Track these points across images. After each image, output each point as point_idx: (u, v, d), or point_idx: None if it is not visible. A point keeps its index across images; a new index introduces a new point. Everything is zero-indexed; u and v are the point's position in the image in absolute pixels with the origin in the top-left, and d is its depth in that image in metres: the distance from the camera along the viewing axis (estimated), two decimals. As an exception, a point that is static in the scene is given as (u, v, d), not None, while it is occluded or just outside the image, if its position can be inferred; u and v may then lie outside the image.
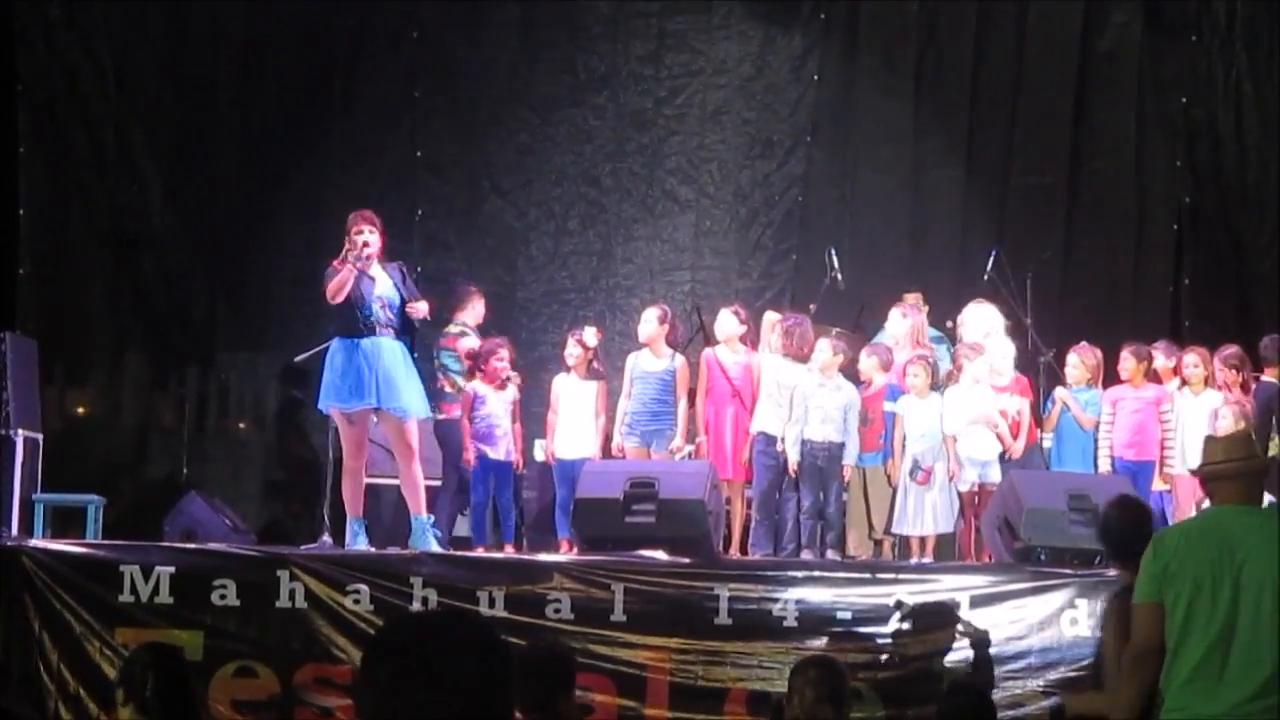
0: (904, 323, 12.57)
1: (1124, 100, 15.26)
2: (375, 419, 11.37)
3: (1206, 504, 11.20)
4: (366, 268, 11.10)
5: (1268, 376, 12.36)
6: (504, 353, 12.37)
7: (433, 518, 11.43)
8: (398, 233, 13.55)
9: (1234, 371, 12.24)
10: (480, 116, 15.31)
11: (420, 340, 11.95)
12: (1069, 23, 15.20)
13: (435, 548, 11.24)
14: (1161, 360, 12.50)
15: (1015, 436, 12.08)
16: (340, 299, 11.03)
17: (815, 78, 15.31)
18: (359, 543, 11.29)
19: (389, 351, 11.09)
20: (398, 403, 11.09)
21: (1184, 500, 11.91)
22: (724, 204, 15.34)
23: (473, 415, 12.21)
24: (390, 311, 11.15)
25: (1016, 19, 15.25)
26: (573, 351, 12.52)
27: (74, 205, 14.88)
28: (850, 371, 12.12)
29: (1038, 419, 12.46)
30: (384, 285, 11.17)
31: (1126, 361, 12.36)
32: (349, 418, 11.19)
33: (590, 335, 12.64)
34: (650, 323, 12.45)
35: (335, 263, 11.15)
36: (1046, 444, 12.51)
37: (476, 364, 12.34)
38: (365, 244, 11.12)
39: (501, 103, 15.32)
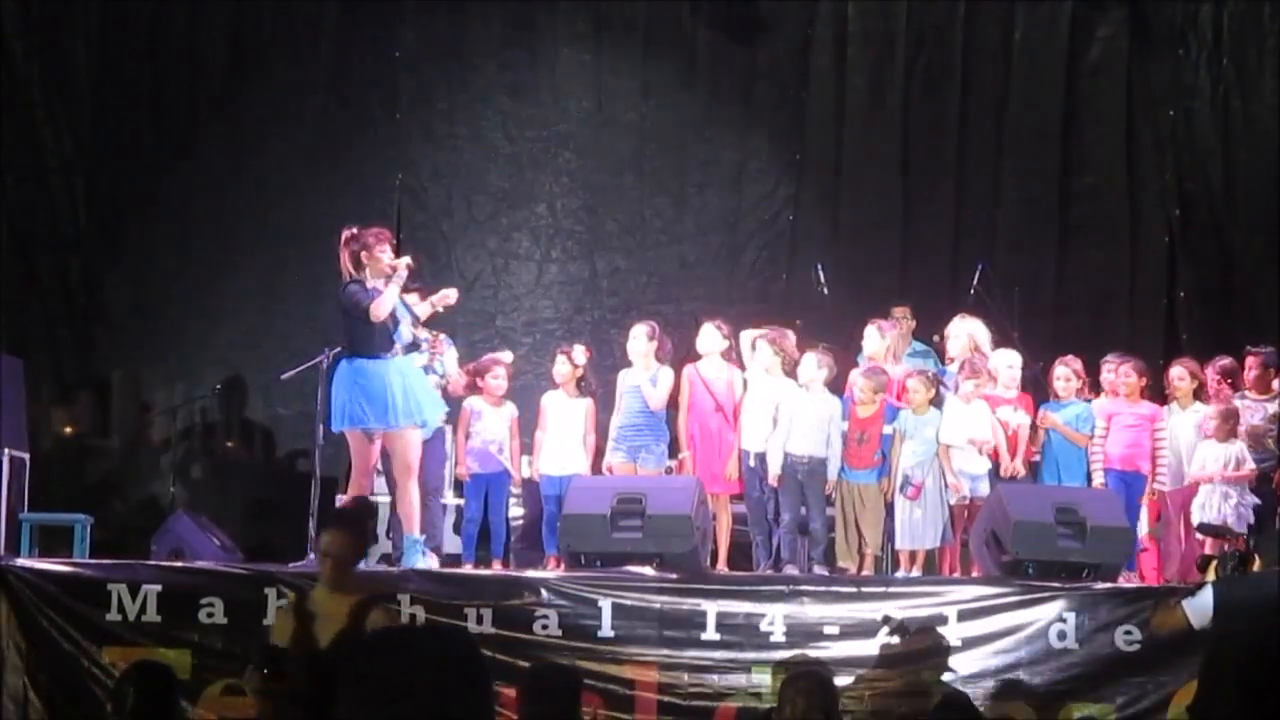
0: (881, 341, 12.64)
1: (1112, 114, 15.40)
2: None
3: (1195, 515, 11.41)
4: (408, 287, 11.25)
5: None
6: (500, 369, 12.45)
7: (424, 536, 11.48)
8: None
9: (1227, 383, 12.31)
10: (461, 142, 15.37)
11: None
12: (1055, 37, 15.33)
13: (425, 565, 11.32)
14: (1134, 378, 12.53)
15: (1013, 451, 12.13)
16: (384, 316, 11.10)
17: (804, 95, 15.40)
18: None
19: (411, 368, 11.26)
20: (421, 417, 11.25)
21: (1173, 513, 11.98)
22: (713, 229, 15.45)
23: (469, 431, 12.28)
24: (410, 329, 11.29)
25: (1003, 35, 15.37)
26: (561, 369, 12.58)
27: (51, 224, 14.93)
28: (837, 386, 12.18)
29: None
30: (399, 305, 11.34)
31: (1127, 376, 12.40)
32: (370, 437, 11.28)
33: (579, 353, 12.69)
34: (639, 339, 12.53)
35: (376, 284, 11.17)
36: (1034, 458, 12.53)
37: (474, 379, 12.39)
38: (409, 265, 11.25)
39: (483, 128, 15.39)
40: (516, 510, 13.07)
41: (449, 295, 11.71)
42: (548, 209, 15.34)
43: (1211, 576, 10.38)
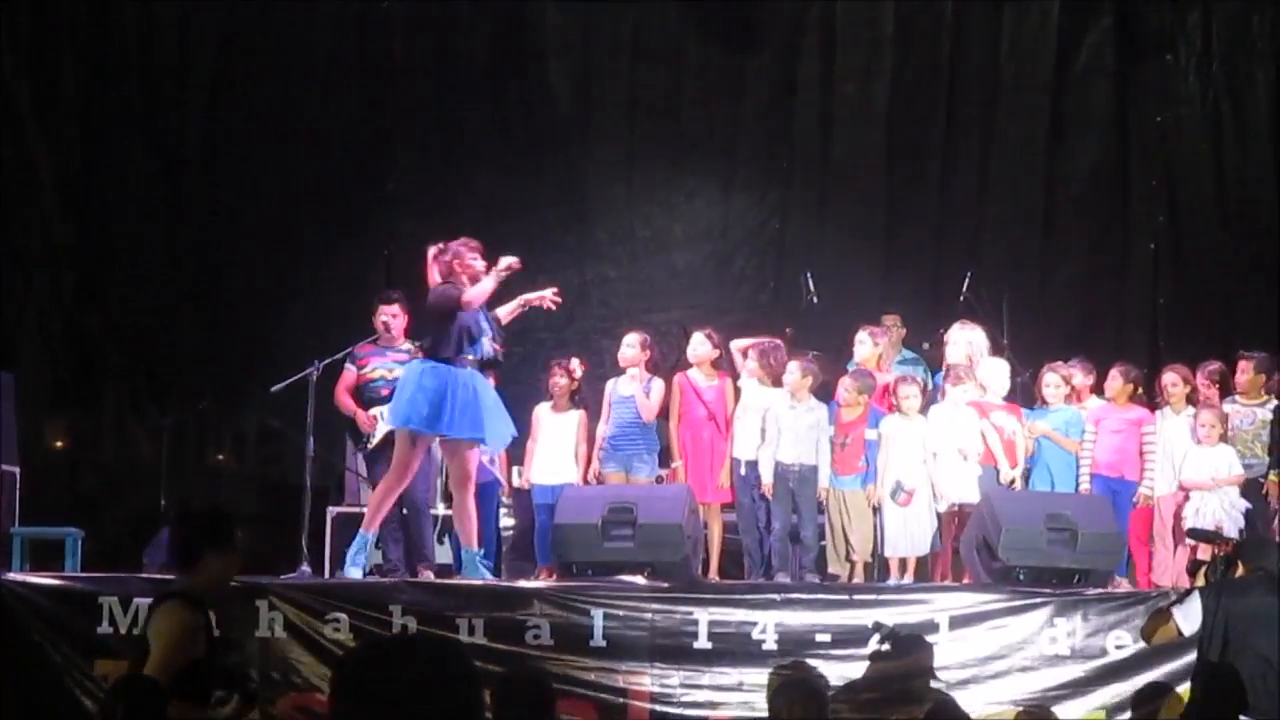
0: (872, 348, 12.68)
1: (1100, 120, 15.40)
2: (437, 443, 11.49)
3: (1186, 520, 11.44)
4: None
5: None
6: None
7: (482, 550, 11.51)
8: (364, 266, 13.71)
9: (1216, 387, 12.34)
10: (450, 150, 15.37)
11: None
12: (1043, 44, 15.34)
13: (489, 578, 11.36)
14: (1080, 378, 12.58)
15: (1011, 457, 12.15)
16: (478, 305, 11.16)
17: (792, 103, 15.44)
18: (359, 561, 11.36)
19: (482, 384, 11.25)
20: (480, 433, 11.22)
21: (1166, 516, 12.01)
22: (702, 238, 15.47)
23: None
24: (492, 344, 11.36)
25: (990, 40, 15.37)
26: (558, 380, 12.60)
27: (42, 238, 14.95)
28: (826, 393, 12.22)
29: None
30: (484, 323, 11.41)
31: (1114, 380, 12.47)
32: (413, 439, 11.23)
33: (575, 367, 12.72)
34: (632, 347, 12.56)
35: (455, 283, 11.20)
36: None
37: None
38: (512, 266, 11.26)
39: (473, 137, 15.39)
40: (507, 520, 13.10)
41: (545, 294, 11.72)
42: (538, 219, 15.35)
43: (1202, 582, 10.42)
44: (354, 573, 11.37)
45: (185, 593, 6.80)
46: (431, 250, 11.37)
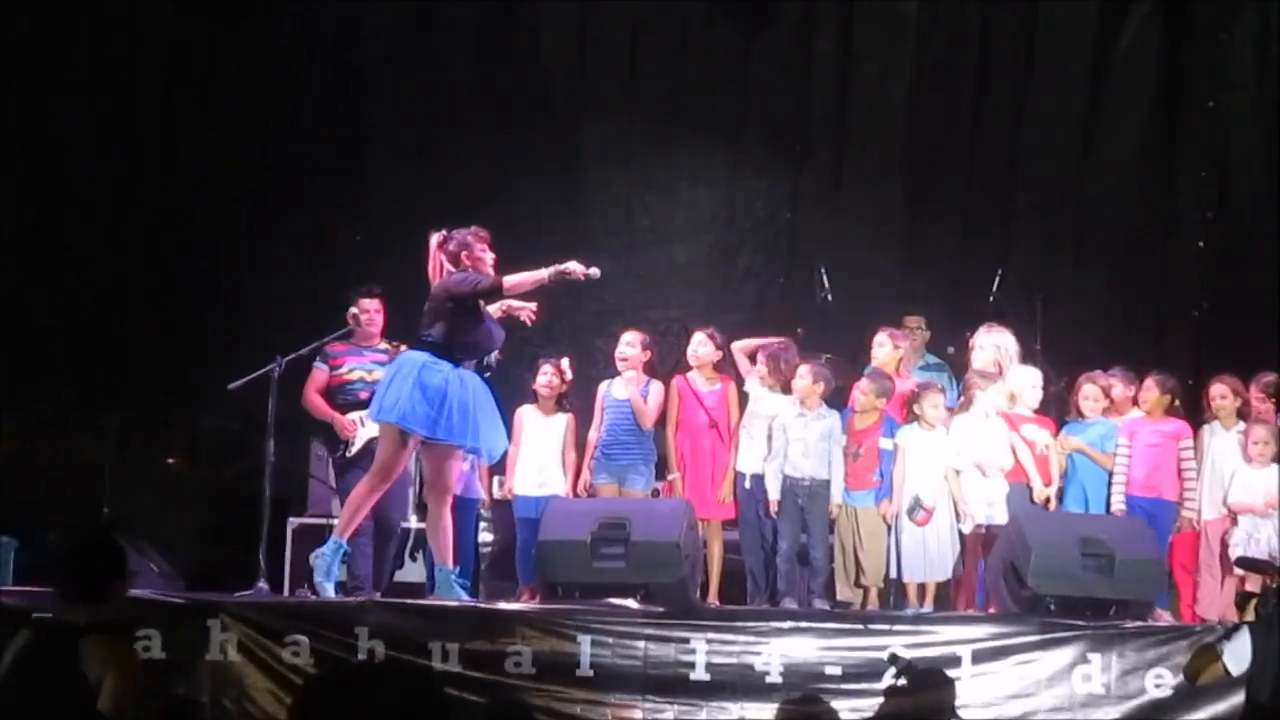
0: (893, 352, 12.53)
1: (1143, 106, 15.28)
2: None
3: (1235, 549, 11.31)
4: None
5: None
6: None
7: (458, 568, 11.23)
8: (335, 256, 13.55)
9: (1272, 400, 12.20)
10: (433, 133, 15.23)
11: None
12: (1082, 22, 15.22)
13: (465, 599, 11.10)
14: (1120, 389, 12.37)
15: (1045, 474, 11.91)
16: (516, 292, 11.02)
17: (805, 83, 15.34)
18: (334, 573, 11.07)
19: (481, 388, 10.98)
20: (474, 442, 10.97)
21: (1213, 542, 11.83)
22: (705, 229, 15.39)
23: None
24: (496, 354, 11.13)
25: (1024, 19, 15.28)
26: (551, 380, 12.43)
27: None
28: (839, 400, 12.09)
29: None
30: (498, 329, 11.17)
31: (1149, 391, 12.19)
32: (406, 440, 10.91)
33: (566, 366, 12.59)
34: (632, 347, 12.41)
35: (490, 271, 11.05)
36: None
37: None
38: (587, 275, 11.05)
39: (456, 118, 15.26)
40: (486, 535, 12.95)
41: (529, 306, 11.47)
42: (527, 206, 15.22)
43: (1251, 616, 10.26)
44: (328, 588, 11.03)
45: (112, 624, 6.75)
46: (435, 237, 11.06)
